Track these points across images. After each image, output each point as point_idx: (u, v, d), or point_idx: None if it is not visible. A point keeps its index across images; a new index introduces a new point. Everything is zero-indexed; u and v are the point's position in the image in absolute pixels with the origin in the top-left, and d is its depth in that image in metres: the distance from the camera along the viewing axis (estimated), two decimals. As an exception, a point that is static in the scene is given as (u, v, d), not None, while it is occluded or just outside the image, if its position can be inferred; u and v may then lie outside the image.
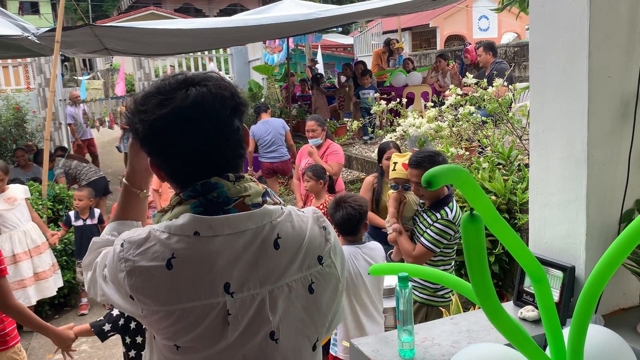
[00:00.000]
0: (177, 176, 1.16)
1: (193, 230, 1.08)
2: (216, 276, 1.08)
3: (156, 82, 1.16)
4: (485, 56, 6.08)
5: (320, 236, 1.20)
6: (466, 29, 24.68)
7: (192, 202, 1.12)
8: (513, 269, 3.96)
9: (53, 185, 5.91)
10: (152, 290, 1.08)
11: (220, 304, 1.08)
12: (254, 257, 1.11)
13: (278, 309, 1.13)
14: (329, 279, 1.20)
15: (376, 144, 8.14)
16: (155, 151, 1.15)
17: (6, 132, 9.49)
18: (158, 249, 1.08)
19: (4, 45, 6.49)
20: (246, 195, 1.13)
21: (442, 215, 3.02)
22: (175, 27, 6.52)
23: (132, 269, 1.09)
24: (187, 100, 1.09)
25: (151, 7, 26.09)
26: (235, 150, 1.17)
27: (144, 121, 1.12)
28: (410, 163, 3.04)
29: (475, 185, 1.14)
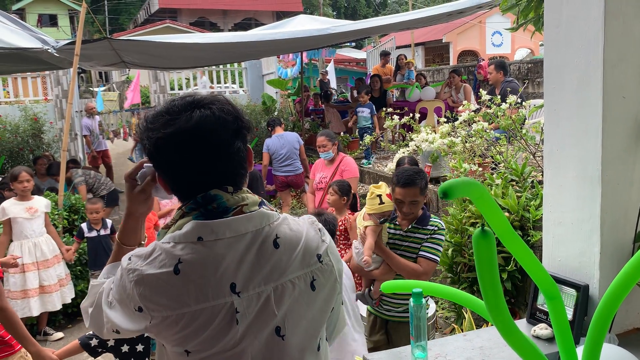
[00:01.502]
0: (180, 190, 1.24)
1: (197, 236, 1.16)
2: (222, 278, 1.14)
3: (167, 102, 1.24)
4: (496, 75, 6.07)
5: (316, 237, 1.28)
6: (479, 44, 24.71)
7: (194, 213, 1.19)
8: (526, 286, 3.94)
9: (69, 195, 5.99)
10: (161, 295, 1.13)
11: (227, 304, 1.14)
12: (256, 257, 1.18)
13: (284, 305, 1.19)
14: (327, 276, 1.27)
15: (389, 157, 8.15)
16: (160, 167, 1.24)
17: (24, 143, 9.62)
18: (164, 257, 1.14)
19: (23, 58, 6.61)
20: (244, 205, 1.21)
21: (436, 225, 3.04)
22: (192, 42, 6.61)
23: (140, 277, 1.15)
24: (190, 121, 1.17)
25: (167, 21, 26.53)
26: (235, 169, 1.24)
27: (150, 138, 1.20)
28: (402, 183, 2.93)
29: (490, 200, 1.16)
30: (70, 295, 5.21)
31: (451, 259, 4.23)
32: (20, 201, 4.88)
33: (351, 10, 49.37)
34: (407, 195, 2.93)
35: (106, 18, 35.95)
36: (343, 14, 47.40)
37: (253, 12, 35.67)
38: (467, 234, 4.13)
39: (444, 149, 5.23)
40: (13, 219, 4.79)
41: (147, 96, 14.71)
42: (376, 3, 51.42)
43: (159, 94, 11.86)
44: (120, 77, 21.98)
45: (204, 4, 34.16)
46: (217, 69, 13.80)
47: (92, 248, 5.39)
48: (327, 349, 1.32)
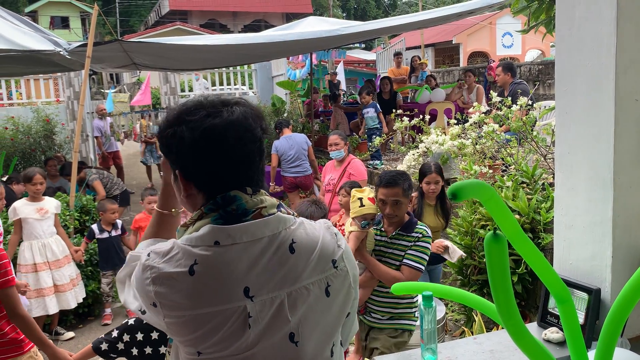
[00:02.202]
0: (204, 186, 1.22)
1: (213, 240, 1.15)
2: (236, 281, 1.14)
3: (195, 100, 1.25)
4: (504, 76, 6.03)
5: (332, 242, 1.27)
6: (489, 45, 24.62)
7: (213, 215, 1.19)
8: (536, 289, 3.92)
9: (80, 196, 6.03)
10: (176, 295, 1.13)
11: (240, 307, 1.14)
12: (271, 261, 1.17)
13: (298, 311, 1.18)
14: (342, 282, 1.26)
15: (398, 159, 8.14)
16: (195, 159, 1.21)
17: (36, 144, 9.71)
18: (181, 257, 1.15)
19: (36, 60, 6.67)
20: (263, 207, 1.21)
21: (421, 232, 2.97)
22: (202, 43, 6.64)
23: (157, 275, 1.15)
24: (234, 115, 1.20)
25: (177, 23, 26.64)
26: (258, 169, 1.26)
27: (194, 129, 1.18)
28: (384, 183, 2.95)
29: (500, 202, 1.15)
30: (82, 295, 5.25)
31: (461, 262, 4.22)
32: (31, 202, 4.92)
33: (361, 11, 49.36)
34: (389, 195, 2.93)
35: (117, 20, 36.19)
36: (353, 15, 47.41)
37: (263, 14, 35.78)
38: (477, 236, 4.11)
39: (454, 150, 5.21)
40: (24, 219, 4.83)
41: (157, 98, 14.80)
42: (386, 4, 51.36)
43: (170, 96, 11.92)
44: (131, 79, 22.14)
45: (214, 5, 34.30)
46: (227, 71, 13.85)
47: (103, 249, 5.45)
48: (341, 353, 1.31)
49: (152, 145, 10.84)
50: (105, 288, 5.48)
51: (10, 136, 9.45)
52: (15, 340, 2.79)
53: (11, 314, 2.72)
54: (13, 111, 10.66)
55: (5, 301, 2.70)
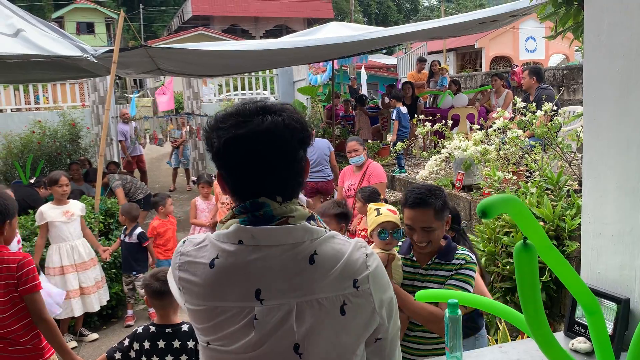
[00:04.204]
0: (236, 191, 1.27)
1: (238, 238, 1.20)
2: (249, 281, 1.17)
3: (238, 105, 1.28)
4: (529, 80, 5.95)
5: (359, 261, 1.22)
6: (512, 50, 24.40)
7: (242, 216, 1.23)
8: (561, 297, 3.87)
9: (105, 199, 6.12)
10: (194, 284, 1.20)
11: (248, 308, 1.16)
12: (287, 268, 1.18)
13: (305, 323, 1.16)
14: (362, 305, 1.20)
15: (420, 164, 8.10)
16: (224, 166, 1.26)
17: (62, 147, 9.89)
18: (208, 250, 1.22)
19: (63, 66, 6.80)
20: (290, 216, 1.22)
21: (464, 259, 2.36)
22: (226, 49, 6.70)
23: (184, 262, 1.24)
24: (262, 125, 1.20)
25: (200, 28, 26.96)
26: (291, 179, 1.25)
27: (220, 137, 1.22)
28: (410, 203, 2.33)
29: (529, 215, 1.15)
30: (106, 298, 5.32)
31: (484, 269, 4.18)
32: (57, 205, 5.01)
33: (382, 16, 49.32)
34: (418, 220, 2.31)
35: (141, 26, 36.73)
36: (374, 20, 47.39)
37: (284, 19, 35.99)
38: (501, 243, 4.07)
39: (477, 156, 5.17)
40: (51, 222, 4.92)
41: (180, 102, 14.95)
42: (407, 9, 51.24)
43: (192, 100, 12.05)
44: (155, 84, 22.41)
45: (236, 11, 34.61)
46: (249, 76, 13.94)
47: (122, 252, 5.54)
48: None
49: (178, 149, 10.97)
50: (126, 290, 5.55)
51: (37, 140, 9.64)
52: (36, 348, 2.84)
53: (37, 319, 2.78)
54: (40, 115, 10.86)
55: (31, 306, 2.76)
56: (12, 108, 11.61)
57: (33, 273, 2.76)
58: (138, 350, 2.67)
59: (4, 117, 11.12)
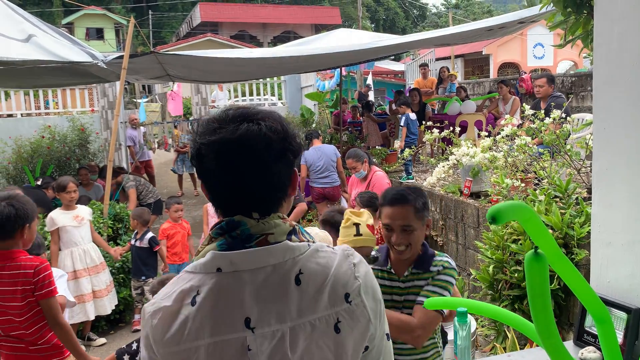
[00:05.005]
0: (213, 202, 1.20)
1: (215, 267, 1.11)
2: (236, 311, 1.09)
3: (222, 110, 1.20)
4: (547, 88, 5.96)
5: (348, 273, 1.15)
6: (520, 56, 24.36)
7: (220, 239, 1.14)
8: (569, 306, 3.85)
9: (114, 204, 6.16)
10: (176, 328, 1.09)
11: (240, 339, 1.08)
12: (274, 292, 1.10)
13: (299, 348, 1.09)
14: (357, 319, 1.14)
15: (427, 171, 8.09)
16: (200, 174, 1.19)
17: (71, 152, 9.95)
18: (183, 289, 1.11)
19: (73, 72, 6.86)
20: (269, 234, 1.14)
21: (442, 265, 2.22)
22: (235, 56, 6.75)
23: (156, 309, 1.12)
24: (234, 134, 1.12)
25: (208, 34, 27.08)
26: (269, 193, 1.17)
27: (195, 143, 1.16)
28: (389, 200, 2.22)
29: (539, 222, 1.15)
30: (114, 302, 5.35)
31: (492, 276, 4.17)
32: (66, 210, 5.05)
33: (389, 22, 49.41)
34: (397, 217, 2.18)
35: (150, 32, 36.98)
36: (381, 26, 47.49)
37: (292, 26, 36.13)
38: (509, 250, 4.06)
39: (485, 163, 5.16)
40: (62, 227, 4.96)
41: (188, 107, 15.04)
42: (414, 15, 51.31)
43: (201, 106, 12.11)
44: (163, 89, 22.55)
45: (244, 17, 34.79)
46: (257, 82, 14.01)
47: (132, 256, 5.57)
48: None
49: (184, 155, 11.02)
50: (134, 294, 5.58)
51: (46, 144, 9.71)
52: (57, 346, 2.91)
53: (52, 323, 2.83)
54: (50, 120, 10.95)
55: (47, 311, 2.81)
56: (23, 113, 11.72)
57: (49, 278, 2.80)
58: None
59: (14, 121, 11.22)
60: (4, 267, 2.73)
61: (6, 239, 2.74)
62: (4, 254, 2.75)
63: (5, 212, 2.70)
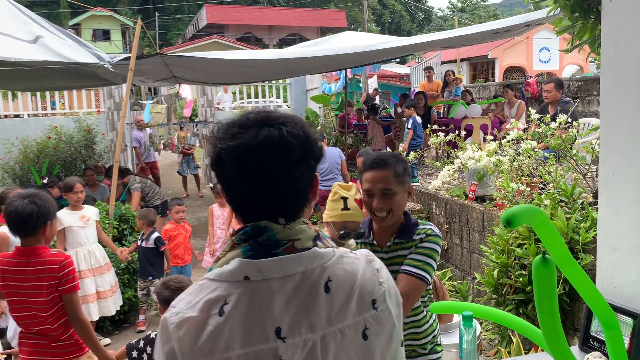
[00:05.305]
0: (235, 209, 1.18)
1: (243, 275, 1.08)
2: (267, 321, 1.07)
3: (243, 114, 1.19)
4: (556, 93, 5.95)
5: (372, 279, 1.16)
6: (526, 60, 24.33)
7: (244, 245, 1.12)
8: (574, 310, 3.84)
9: (119, 205, 6.18)
10: (205, 339, 1.05)
11: (272, 349, 1.06)
12: (304, 301, 1.09)
13: (329, 356, 1.08)
14: (383, 324, 1.14)
15: (432, 174, 8.09)
16: (220, 179, 1.17)
17: (77, 153, 10.00)
18: (209, 298, 1.08)
19: (80, 74, 6.88)
20: (296, 239, 1.13)
21: (425, 232, 2.17)
22: (242, 58, 6.77)
23: (181, 320, 1.07)
24: (255, 139, 1.10)
25: (214, 36, 27.19)
26: (292, 198, 1.15)
27: (215, 147, 1.15)
28: (369, 165, 2.19)
29: (551, 227, 1.15)
30: (119, 303, 5.36)
31: (497, 280, 4.16)
32: (73, 210, 5.07)
33: (395, 25, 49.44)
34: (377, 180, 2.15)
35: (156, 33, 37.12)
36: (387, 29, 47.52)
37: (298, 28, 36.21)
38: (514, 254, 4.05)
39: (490, 167, 5.16)
40: (68, 227, 4.98)
41: (194, 110, 15.09)
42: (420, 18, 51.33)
43: (207, 108, 12.14)
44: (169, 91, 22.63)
45: (250, 20, 34.91)
46: (262, 84, 14.04)
47: (139, 256, 5.59)
48: None
49: (189, 157, 11.04)
50: (140, 295, 5.59)
51: (53, 145, 9.76)
52: (78, 342, 2.98)
53: (72, 318, 2.89)
54: (56, 121, 11.00)
55: (68, 306, 2.88)
56: (29, 113, 11.78)
57: (73, 274, 2.89)
58: (150, 354, 2.72)
59: (21, 122, 11.28)
60: (28, 263, 2.81)
61: (29, 236, 2.82)
62: (28, 250, 2.83)
63: (28, 209, 2.76)
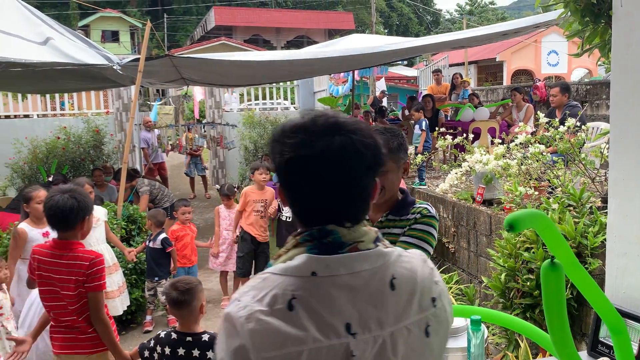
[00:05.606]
0: (298, 213, 1.18)
1: (310, 270, 1.09)
2: (337, 316, 1.07)
3: (309, 117, 1.17)
4: (561, 97, 5.93)
5: (430, 278, 1.19)
6: (534, 63, 24.24)
7: (308, 244, 1.13)
8: (581, 315, 3.82)
9: (127, 206, 6.20)
10: (276, 332, 1.05)
11: (343, 344, 1.06)
12: (372, 297, 1.10)
13: (398, 352, 1.10)
14: (441, 322, 1.18)
15: (440, 177, 8.07)
16: (285, 185, 1.18)
17: (85, 153, 10.05)
18: (276, 292, 1.07)
19: (88, 75, 6.91)
20: (360, 241, 1.14)
21: (420, 212, 2.08)
22: (250, 59, 6.78)
23: (250, 314, 1.06)
24: (329, 148, 1.10)
25: (222, 38, 27.27)
26: (358, 205, 1.17)
27: (283, 153, 1.13)
28: None
29: (555, 231, 1.15)
30: (126, 303, 5.37)
31: (504, 284, 4.14)
32: None
33: (403, 27, 49.41)
34: None
35: (165, 35, 37.29)
36: (395, 32, 47.50)
37: (305, 30, 36.26)
38: (521, 258, 4.04)
39: (498, 170, 5.15)
40: None
41: (202, 111, 15.12)
42: (428, 21, 51.28)
43: (214, 109, 12.17)
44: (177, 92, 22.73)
45: (258, 21, 34.99)
46: (270, 86, 14.07)
47: (146, 257, 5.61)
48: None
49: (196, 158, 11.06)
50: (147, 295, 5.61)
51: (61, 145, 9.82)
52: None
53: (94, 317, 2.93)
54: (65, 121, 11.06)
55: (92, 303, 2.91)
56: (39, 114, 11.86)
57: (101, 273, 2.93)
58: (160, 353, 2.73)
59: (30, 122, 11.35)
60: (62, 257, 2.88)
61: (67, 230, 2.90)
62: (63, 244, 2.91)
63: (68, 204, 2.83)
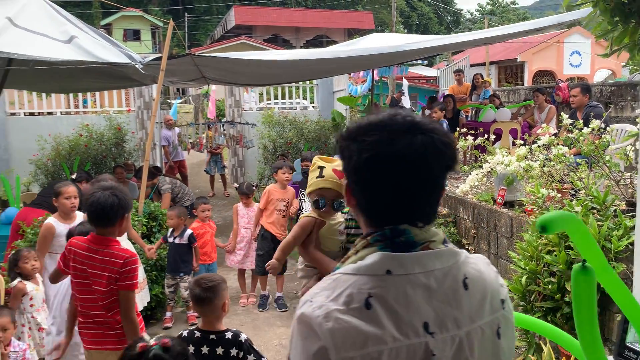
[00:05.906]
0: (370, 213, 1.17)
1: (384, 268, 1.08)
2: (414, 315, 1.06)
3: (385, 115, 1.16)
4: (582, 98, 5.86)
5: (496, 280, 1.19)
6: (556, 64, 23.93)
7: (379, 244, 1.12)
8: (605, 319, 3.77)
9: (149, 203, 6.27)
10: (357, 332, 1.03)
11: (423, 344, 1.05)
12: (447, 296, 1.10)
13: (474, 352, 1.10)
14: (509, 325, 1.18)
15: (460, 178, 8.01)
16: (359, 183, 1.15)
17: (107, 150, 10.18)
18: (352, 291, 1.06)
19: (111, 74, 6.99)
20: (431, 241, 1.14)
21: None
22: (271, 58, 6.80)
23: (327, 313, 1.05)
24: (411, 147, 1.09)
25: (242, 37, 27.42)
26: (432, 205, 1.16)
27: (361, 152, 1.11)
28: None
29: (587, 234, 1.14)
30: (147, 299, 5.42)
31: (525, 287, 4.10)
32: None
33: (423, 27, 49.15)
34: None
35: (185, 34, 37.60)
36: (415, 31, 47.27)
37: (325, 30, 36.28)
38: (543, 261, 3.99)
39: (520, 172, 5.09)
40: None
41: (221, 109, 15.21)
42: (448, 21, 50.92)
43: (234, 108, 12.24)
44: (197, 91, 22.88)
45: (278, 21, 35.09)
46: (289, 85, 14.10)
47: (169, 253, 5.65)
48: None
49: (217, 156, 11.13)
50: (167, 292, 5.65)
51: (84, 142, 9.95)
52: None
53: (123, 315, 2.95)
54: (87, 119, 11.21)
55: (123, 302, 2.94)
56: (62, 111, 12.03)
57: (134, 272, 2.97)
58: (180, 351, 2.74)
59: (54, 120, 11.52)
60: (97, 252, 2.93)
61: (107, 226, 2.96)
62: (101, 239, 2.96)
63: (109, 201, 2.89)
